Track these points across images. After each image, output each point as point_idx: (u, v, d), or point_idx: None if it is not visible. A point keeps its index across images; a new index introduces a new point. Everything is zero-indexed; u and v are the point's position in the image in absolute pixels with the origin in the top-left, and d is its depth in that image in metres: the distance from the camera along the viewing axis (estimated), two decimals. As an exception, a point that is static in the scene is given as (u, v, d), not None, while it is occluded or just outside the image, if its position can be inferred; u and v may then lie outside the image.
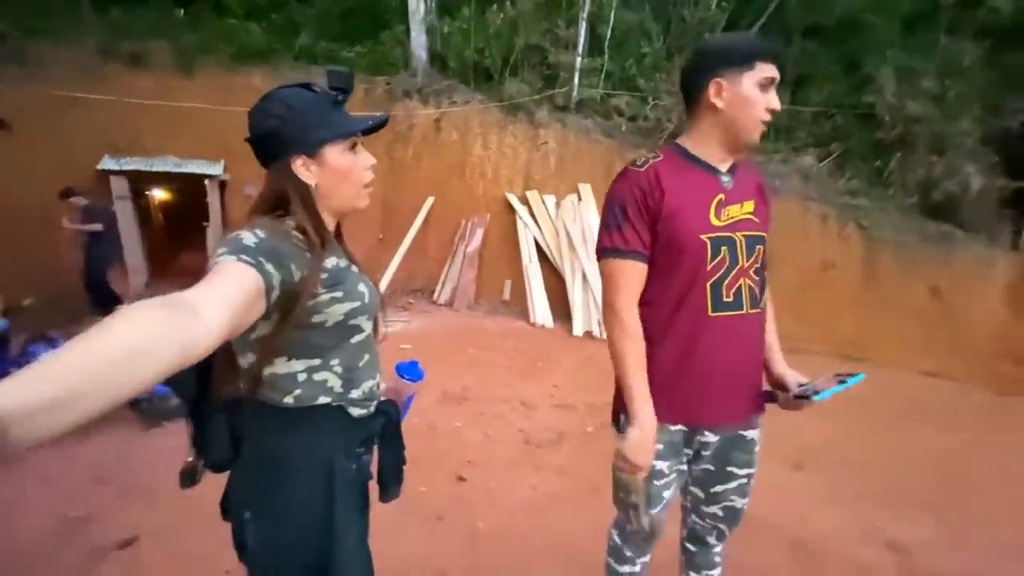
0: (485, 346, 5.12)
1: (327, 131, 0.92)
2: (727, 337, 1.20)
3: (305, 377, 0.92)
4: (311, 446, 0.94)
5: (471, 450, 3.02)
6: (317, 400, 0.94)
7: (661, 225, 1.18)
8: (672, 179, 1.19)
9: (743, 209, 1.20)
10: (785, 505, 2.56)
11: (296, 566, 0.93)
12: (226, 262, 0.75)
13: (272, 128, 0.91)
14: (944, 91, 6.44)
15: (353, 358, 0.97)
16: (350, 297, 0.93)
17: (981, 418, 4.22)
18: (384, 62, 8.22)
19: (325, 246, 0.92)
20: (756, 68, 1.13)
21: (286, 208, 0.92)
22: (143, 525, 2.27)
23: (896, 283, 6.28)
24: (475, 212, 7.28)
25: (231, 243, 0.80)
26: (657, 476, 1.29)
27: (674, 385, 1.23)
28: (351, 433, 0.99)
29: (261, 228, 0.84)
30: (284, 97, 0.92)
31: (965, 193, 6.37)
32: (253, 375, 0.92)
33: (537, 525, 2.33)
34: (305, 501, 0.93)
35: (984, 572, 2.12)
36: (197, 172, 6.92)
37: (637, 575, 1.50)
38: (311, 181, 0.93)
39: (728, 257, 1.18)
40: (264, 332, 0.88)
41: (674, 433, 1.27)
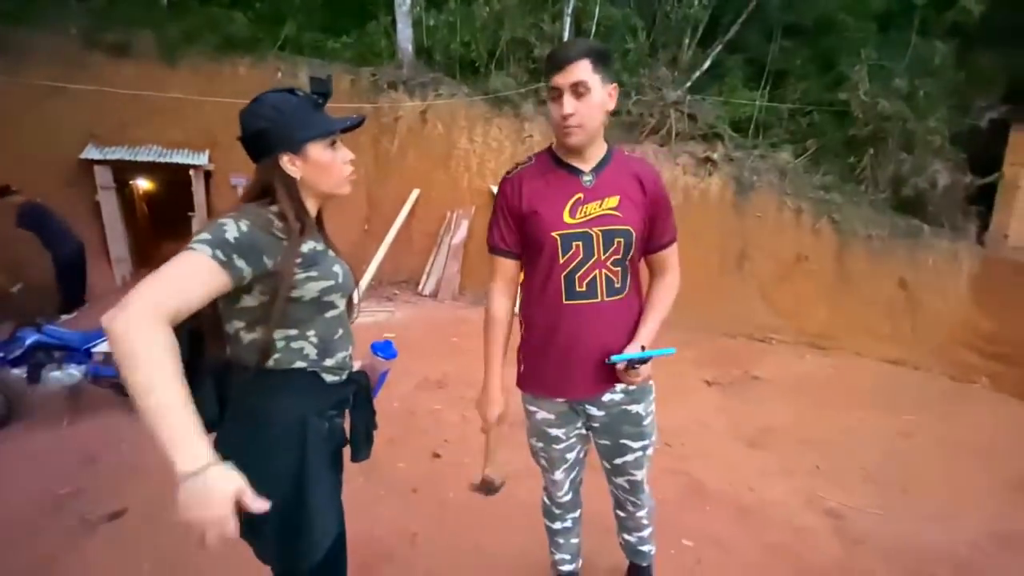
0: (468, 335, 5.25)
1: (309, 131, 1.06)
2: (580, 323, 1.36)
3: (284, 344, 1.07)
4: (287, 404, 1.08)
5: (448, 430, 3.17)
6: (294, 364, 1.08)
7: (524, 223, 1.36)
8: (533, 183, 1.35)
9: (603, 206, 1.32)
10: (737, 477, 2.75)
11: (274, 511, 1.02)
12: (198, 257, 0.90)
13: (261, 129, 1.05)
14: (914, 90, 6.64)
15: (327, 330, 1.11)
16: (324, 276, 1.07)
17: (935, 403, 4.45)
18: (370, 53, 8.25)
19: (305, 231, 1.06)
20: (549, 83, 1.27)
21: (272, 197, 1.07)
22: (132, 499, 2.40)
23: (866, 275, 6.50)
24: (460, 204, 7.39)
25: (214, 232, 0.94)
26: (555, 441, 1.50)
27: (542, 364, 1.42)
28: (323, 396, 1.13)
29: (247, 218, 0.98)
30: (272, 101, 1.06)
31: (933, 189, 6.60)
32: (237, 340, 1.06)
33: (505, 496, 2.45)
34: (280, 452, 1.07)
35: (909, 535, 2.32)
36: (182, 162, 6.94)
37: (570, 529, 1.69)
38: (296, 175, 1.07)
39: (582, 251, 1.32)
40: (250, 303, 1.03)
41: (559, 404, 1.46)
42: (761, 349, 5.87)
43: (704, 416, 3.64)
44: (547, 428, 1.49)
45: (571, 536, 1.72)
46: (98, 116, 6.58)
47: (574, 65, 1.22)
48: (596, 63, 1.23)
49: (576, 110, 1.24)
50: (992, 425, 3.91)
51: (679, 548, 2.15)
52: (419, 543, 2.15)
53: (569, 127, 1.26)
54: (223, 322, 1.08)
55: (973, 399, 4.91)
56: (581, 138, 1.29)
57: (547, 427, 1.49)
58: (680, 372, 4.48)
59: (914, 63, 6.89)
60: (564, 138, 1.30)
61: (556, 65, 1.24)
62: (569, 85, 1.23)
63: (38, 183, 5.71)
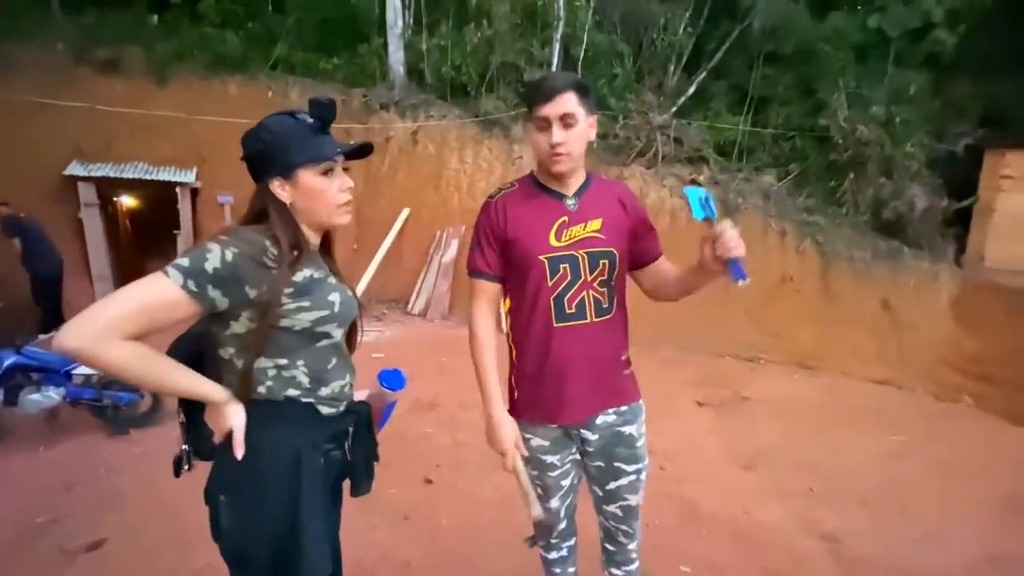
0: (458, 355, 5.17)
1: (300, 156, 1.04)
2: (571, 345, 1.35)
3: (275, 373, 1.03)
4: (281, 437, 1.04)
5: (440, 454, 3.12)
6: (286, 393, 1.04)
7: (508, 247, 1.35)
8: (518, 208, 1.37)
9: (586, 228, 1.34)
10: (732, 500, 2.73)
11: (264, 547, 1.01)
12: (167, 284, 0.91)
13: (257, 151, 1.05)
14: (891, 117, 6.87)
15: (320, 360, 1.08)
16: (318, 306, 1.04)
17: (922, 422, 4.50)
18: (361, 74, 8.33)
19: (299, 259, 1.03)
20: (534, 112, 1.29)
21: (266, 220, 1.05)
22: (111, 528, 2.31)
23: (850, 296, 6.62)
24: (450, 223, 7.41)
25: (194, 259, 0.93)
26: (550, 468, 1.45)
27: (535, 388, 1.40)
28: (319, 428, 1.09)
29: (237, 245, 0.96)
30: (269, 124, 1.05)
31: (911, 212, 6.78)
32: (231, 367, 1.03)
33: (499, 520, 2.44)
34: (273, 487, 1.02)
35: (905, 557, 2.32)
36: (169, 180, 6.88)
37: (566, 558, 1.64)
38: (287, 200, 1.05)
39: (570, 273, 1.33)
40: (239, 330, 1.01)
41: (554, 429, 1.43)
42: (750, 369, 5.91)
43: (696, 437, 3.63)
44: (542, 456, 1.45)
45: (567, 565, 1.67)
46: (85, 132, 6.52)
47: (562, 97, 1.25)
48: (580, 95, 1.28)
49: (566, 139, 1.28)
50: (979, 444, 3.96)
51: (677, 575, 2.12)
52: (412, 572, 2.09)
53: (560, 156, 1.29)
54: (217, 347, 1.05)
55: (958, 418, 4.98)
56: (569, 166, 1.32)
57: (542, 454, 1.45)
58: (671, 393, 4.48)
59: (891, 91, 7.15)
60: (553, 166, 1.32)
61: (545, 96, 1.27)
62: (558, 116, 1.27)
63: (21, 199, 5.60)
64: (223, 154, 7.29)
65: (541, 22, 7.96)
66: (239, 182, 6.39)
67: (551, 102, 1.26)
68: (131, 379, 0.94)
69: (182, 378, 0.98)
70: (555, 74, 1.45)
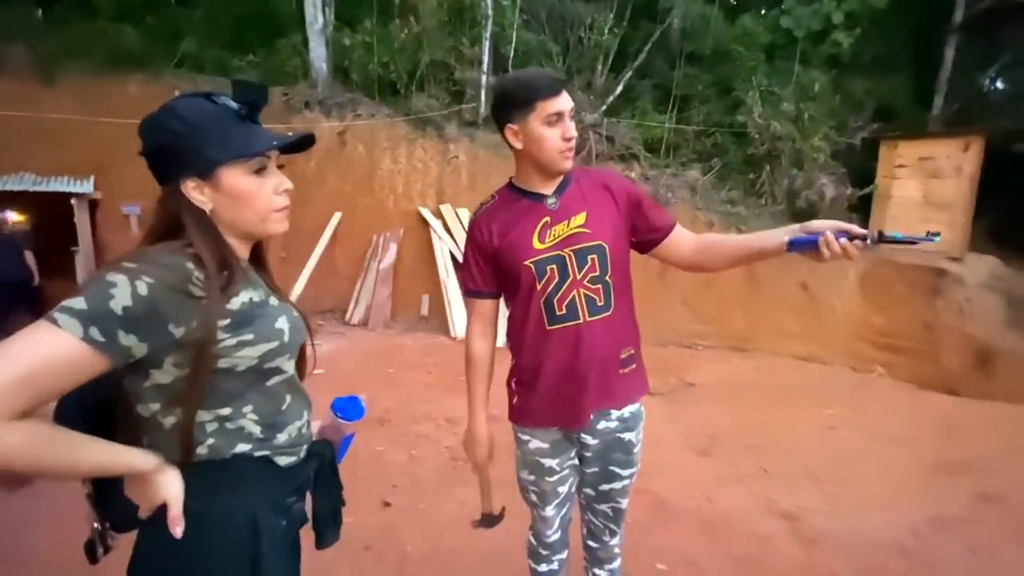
0: (405, 364, 5.01)
1: (221, 151, 0.82)
2: (566, 347, 1.32)
3: (216, 427, 0.83)
4: (233, 503, 0.84)
5: (396, 473, 2.94)
6: (235, 449, 0.84)
7: (497, 260, 1.33)
8: (499, 219, 1.33)
9: (570, 225, 1.30)
10: (695, 490, 2.78)
11: None
12: (62, 338, 0.68)
13: (163, 144, 0.82)
14: (800, 113, 7.40)
15: (272, 402, 0.88)
16: (264, 338, 0.84)
17: (846, 394, 4.85)
18: (280, 72, 7.84)
19: (231, 280, 0.83)
20: (537, 108, 1.24)
21: (182, 233, 0.83)
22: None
23: (773, 281, 7.05)
24: (387, 227, 7.13)
25: (96, 297, 0.71)
26: (548, 473, 1.42)
27: (534, 394, 1.37)
28: (279, 484, 0.90)
29: (150, 273, 0.74)
30: (179, 109, 0.82)
31: (821, 200, 7.33)
32: (157, 426, 0.82)
33: (467, 541, 2.32)
34: (225, 566, 0.84)
35: (856, 528, 2.46)
36: (62, 190, 6.13)
37: (555, 571, 1.59)
38: (205, 206, 0.84)
39: (558, 274, 1.30)
40: (163, 380, 0.79)
41: (554, 433, 1.40)
42: (691, 356, 6.14)
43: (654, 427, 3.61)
44: (540, 459, 1.41)
45: (558, 579, 1.61)
46: (-44, 140, 5.67)
47: (565, 91, 1.25)
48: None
49: (576, 133, 1.28)
50: (899, 411, 4.32)
51: (655, 573, 2.11)
52: (380, 608, 1.93)
53: (571, 151, 1.28)
54: (135, 403, 0.82)
55: (875, 387, 5.43)
56: (572, 161, 1.31)
57: (540, 457, 1.41)
58: (622, 386, 4.54)
59: (798, 89, 7.70)
60: (563, 162, 1.29)
61: (554, 90, 1.23)
62: (568, 109, 1.25)
63: None
64: (125, 160, 6.57)
65: (469, 20, 7.85)
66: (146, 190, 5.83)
67: (560, 96, 1.23)
68: (32, 471, 0.70)
69: (96, 455, 0.75)
70: (545, 70, 1.41)
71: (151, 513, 0.81)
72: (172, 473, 0.81)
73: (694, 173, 7.80)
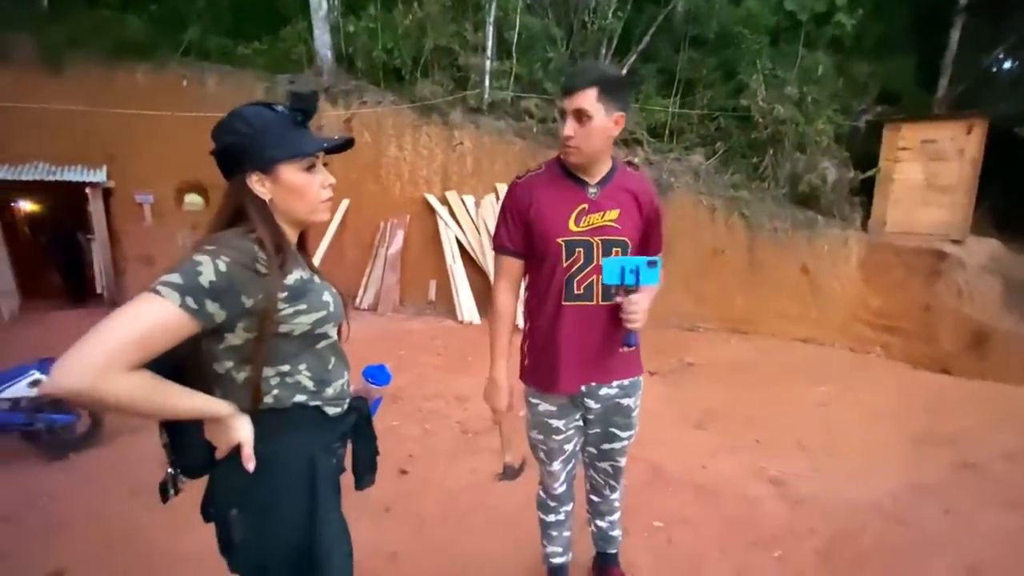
0: (414, 347, 5.19)
1: (280, 150, 0.99)
2: (576, 323, 1.47)
3: (278, 381, 1.01)
4: (293, 445, 1.02)
5: (411, 445, 3.13)
6: (293, 399, 1.02)
7: (530, 228, 1.45)
8: (542, 190, 1.45)
9: (604, 217, 1.44)
10: (690, 459, 2.96)
11: (283, 557, 1.00)
12: (164, 305, 0.84)
13: (231, 144, 0.98)
14: (804, 96, 7.42)
15: (321, 362, 1.06)
16: (315, 308, 1.01)
17: (842, 373, 5.01)
18: (285, 60, 7.91)
19: (286, 260, 0.99)
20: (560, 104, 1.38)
21: (247, 221, 0.99)
22: (67, 558, 2.16)
23: (773, 264, 7.17)
24: (393, 214, 7.27)
25: (187, 274, 0.87)
26: (555, 432, 1.59)
27: (543, 359, 1.52)
28: (328, 430, 1.08)
29: (227, 253, 0.91)
30: (245, 115, 0.99)
31: (824, 184, 7.39)
32: (230, 380, 0.99)
33: (478, 504, 2.51)
34: (289, 496, 1.01)
35: (839, 492, 2.63)
36: (75, 180, 6.28)
37: (562, 522, 1.78)
38: (266, 196, 1.00)
39: (583, 257, 1.43)
40: (235, 342, 0.97)
41: (560, 397, 1.55)
42: (691, 337, 6.29)
43: (652, 405, 3.81)
44: (548, 419, 1.57)
45: (563, 529, 1.79)
46: (-30, 131, 5.81)
47: (580, 93, 1.32)
48: (603, 92, 1.32)
49: (575, 133, 1.35)
50: (890, 389, 4.47)
51: (651, 530, 2.29)
52: (400, 562, 2.12)
53: (568, 148, 1.38)
54: (211, 361, 1.00)
55: (871, 367, 5.58)
56: (579, 159, 1.40)
57: (548, 418, 1.56)
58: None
59: (802, 72, 7.70)
60: (564, 156, 1.42)
61: (564, 90, 1.35)
62: (572, 110, 1.34)
63: None
64: (135, 149, 6.72)
65: (473, 5, 7.87)
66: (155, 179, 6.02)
67: (569, 96, 1.33)
68: (136, 412, 0.88)
69: (187, 401, 0.93)
70: (584, 67, 1.52)
71: (227, 453, 0.99)
72: (244, 419, 0.99)
73: (697, 157, 7.85)
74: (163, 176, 6.84)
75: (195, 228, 6.94)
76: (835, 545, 2.20)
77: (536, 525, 1.84)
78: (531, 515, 1.87)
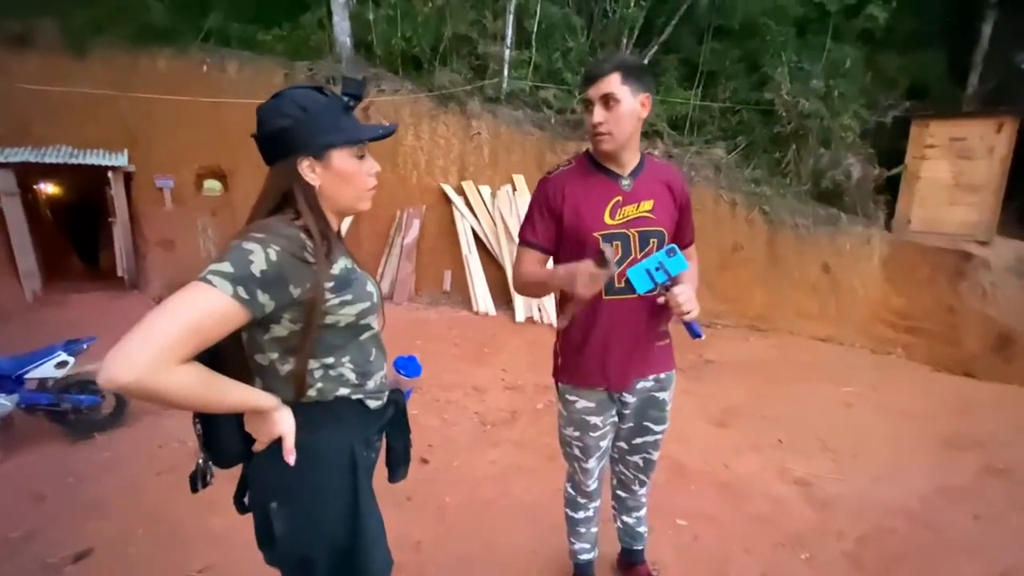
0: (431, 337, 5.19)
1: (336, 136, 0.96)
2: (619, 317, 1.45)
3: (322, 373, 0.99)
4: (335, 438, 1.01)
5: (431, 434, 3.13)
6: (337, 392, 1.00)
7: (564, 223, 1.42)
8: (575, 185, 1.43)
9: (639, 209, 1.43)
10: (712, 456, 2.93)
11: (326, 548, 1.00)
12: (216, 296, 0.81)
13: (283, 127, 0.94)
14: (830, 90, 7.25)
15: (364, 353, 1.04)
16: (360, 299, 0.99)
17: (864, 374, 4.93)
18: (304, 47, 7.88)
19: (331, 249, 0.97)
20: (581, 95, 1.37)
21: (293, 208, 0.96)
22: (95, 537, 2.19)
23: (794, 261, 7.05)
24: (410, 203, 7.25)
25: (238, 262, 0.84)
26: (593, 429, 1.56)
27: (583, 355, 1.49)
28: (368, 423, 1.07)
29: (276, 242, 0.88)
30: (297, 98, 0.95)
31: (848, 181, 7.24)
32: (273, 373, 0.97)
33: (500, 494, 2.51)
34: (331, 490, 1.00)
35: (867, 495, 2.59)
36: (97, 163, 6.33)
37: (591, 518, 1.76)
38: (315, 183, 0.97)
39: (621, 250, 1.40)
40: (281, 333, 0.94)
41: (599, 393, 1.53)
42: (710, 334, 6.21)
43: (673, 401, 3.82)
44: (586, 416, 1.55)
45: (591, 525, 1.78)
46: (-3, 114, 5.87)
47: (605, 79, 1.32)
48: (626, 75, 1.33)
49: (605, 119, 1.34)
50: (915, 391, 4.39)
51: (675, 528, 2.27)
52: (424, 550, 2.12)
53: (600, 135, 1.36)
54: (253, 353, 0.98)
55: (892, 368, 5.49)
56: (611, 145, 1.38)
57: (586, 415, 1.55)
58: (642, 361, 4.67)
59: (828, 65, 7.52)
60: (597, 145, 1.40)
61: (588, 79, 1.35)
62: (599, 97, 1.33)
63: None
64: (156, 134, 6.77)
65: (492, -8, 7.78)
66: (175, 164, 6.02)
67: (594, 84, 1.33)
68: (186, 407, 0.86)
69: (236, 394, 0.91)
70: (604, 56, 1.52)
71: (266, 446, 0.98)
72: (287, 411, 0.97)
73: (718, 151, 7.72)
74: (183, 161, 6.88)
75: (214, 214, 7.00)
76: (864, 548, 2.17)
77: (560, 516, 1.83)
78: (554, 505, 1.86)
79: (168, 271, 6.48)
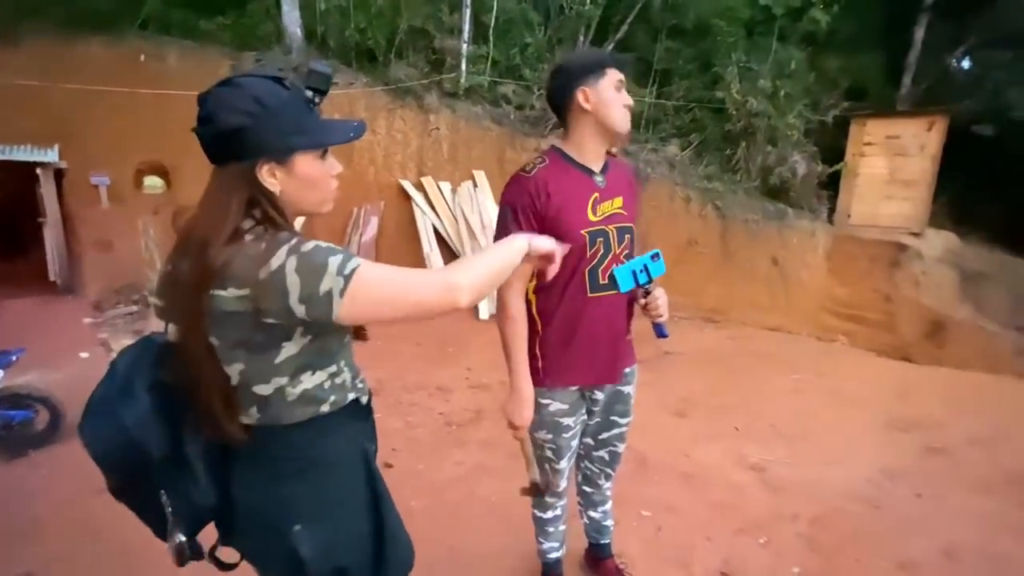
0: (391, 337, 5.08)
1: (300, 139, 0.86)
2: (602, 313, 1.47)
3: (330, 384, 0.94)
4: (344, 442, 0.99)
5: (393, 438, 3.07)
6: (347, 400, 0.97)
7: (548, 223, 1.38)
8: (556, 182, 1.40)
9: (613, 205, 1.45)
10: (673, 447, 3.01)
11: (356, 551, 0.97)
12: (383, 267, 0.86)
13: (239, 126, 0.82)
14: (776, 90, 7.55)
15: (349, 353, 1.02)
16: None
17: (811, 361, 5.17)
18: (252, 36, 7.55)
19: None
20: (608, 74, 1.38)
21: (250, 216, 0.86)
22: (35, 560, 2.04)
23: (745, 255, 7.32)
24: (368, 199, 7.08)
25: (338, 250, 0.83)
26: (565, 430, 1.56)
27: (564, 354, 1.48)
28: (364, 419, 1.05)
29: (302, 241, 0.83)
30: (255, 91, 0.83)
31: (794, 177, 7.58)
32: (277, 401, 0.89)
33: (467, 495, 2.49)
34: (353, 494, 0.99)
35: (817, 477, 2.72)
36: (24, 160, 5.87)
37: (559, 517, 1.77)
38: (275, 188, 0.86)
39: (603, 247, 1.43)
40: (292, 351, 0.87)
41: (572, 393, 1.54)
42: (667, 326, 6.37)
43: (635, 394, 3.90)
44: (560, 419, 1.55)
45: (560, 524, 1.78)
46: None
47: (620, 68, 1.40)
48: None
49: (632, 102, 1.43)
50: (858, 376, 4.64)
51: (640, 519, 2.32)
52: (390, 557, 2.08)
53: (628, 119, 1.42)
54: (251, 385, 0.88)
55: (837, 355, 5.78)
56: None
57: (560, 417, 1.54)
58: (604, 355, 4.74)
59: (775, 66, 7.83)
60: (626, 124, 1.41)
61: (620, 61, 1.41)
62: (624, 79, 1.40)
63: None
64: (91, 128, 6.33)
65: (449, -14, 7.68)
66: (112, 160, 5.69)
67: (622, 68, 1.39)
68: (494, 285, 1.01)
69: (498, 249, 1.04)
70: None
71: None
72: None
73: (673, 148, 7.92)
74: (121, 157, 6.47)
75: (156, 212, 6.61)
76: (817, 529, 2.28)
77: (527, 515, 1.83)
78: (521, 505, 1.85)
79: (106, 274, 6.09)
